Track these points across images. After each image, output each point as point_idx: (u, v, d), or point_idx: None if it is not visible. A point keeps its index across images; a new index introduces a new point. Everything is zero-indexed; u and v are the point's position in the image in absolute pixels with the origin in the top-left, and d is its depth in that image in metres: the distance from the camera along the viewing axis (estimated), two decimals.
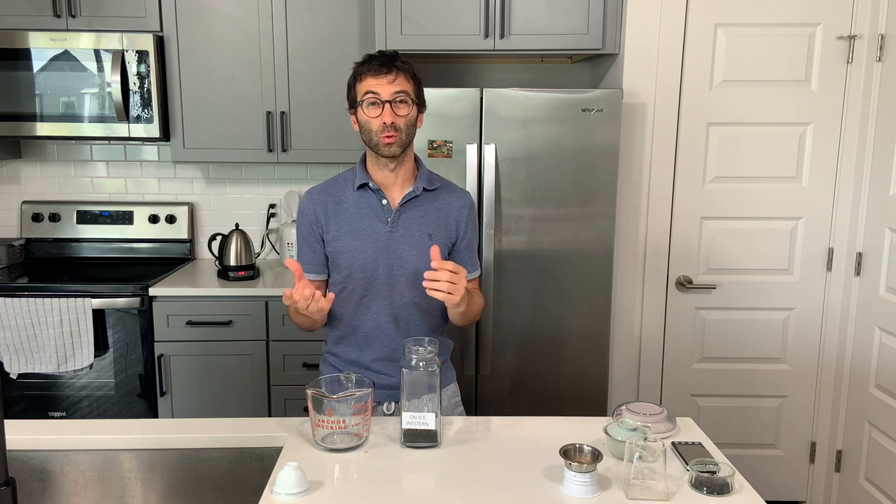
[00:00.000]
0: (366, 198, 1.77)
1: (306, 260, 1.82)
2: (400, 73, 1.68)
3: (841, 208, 2.75)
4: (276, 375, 2.82)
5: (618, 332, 2.83)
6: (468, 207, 1.84)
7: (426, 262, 1.73)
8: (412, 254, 1.76)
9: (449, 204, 1.81)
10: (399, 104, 1.68)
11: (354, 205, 1.77)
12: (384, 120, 1.66)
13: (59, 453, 1.58)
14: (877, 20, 2.60)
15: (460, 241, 1.83)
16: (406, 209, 1.77)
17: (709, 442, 1.55)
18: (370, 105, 1.67)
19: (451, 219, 1.81)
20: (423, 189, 1.78)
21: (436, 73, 3.18)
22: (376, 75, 1.67)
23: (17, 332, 2.66)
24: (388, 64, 1.68)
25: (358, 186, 1.76)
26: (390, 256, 1.75)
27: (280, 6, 2.87)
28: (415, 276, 1.74)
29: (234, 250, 2.94)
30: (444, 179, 1.87)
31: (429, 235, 1.77)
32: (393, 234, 1.75)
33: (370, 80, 1.67)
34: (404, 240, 1.76)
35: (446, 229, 1.80)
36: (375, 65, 1.68)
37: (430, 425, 1.51)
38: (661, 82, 2.67)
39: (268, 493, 1.33)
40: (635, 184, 2.74)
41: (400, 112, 1.68)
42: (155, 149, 3.29)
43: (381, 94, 1.66)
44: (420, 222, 1.77)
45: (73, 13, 2.84)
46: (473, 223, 1.86)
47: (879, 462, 2.61)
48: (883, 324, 2.58)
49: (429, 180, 1.80)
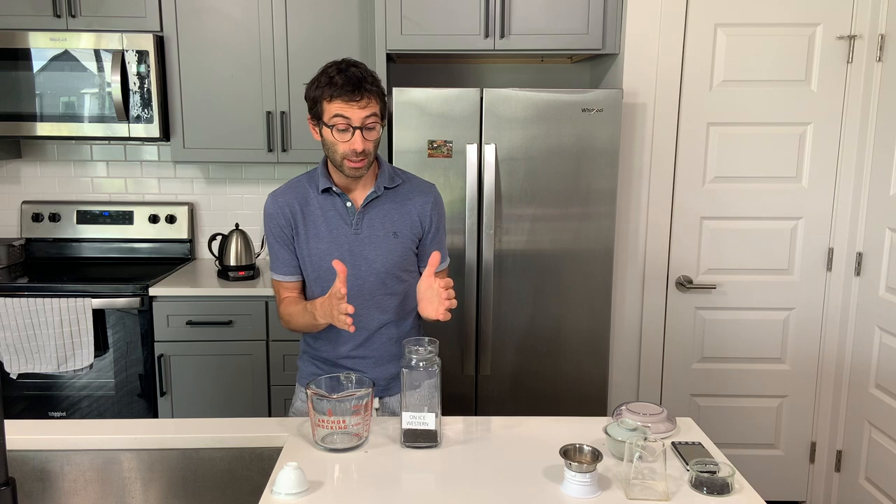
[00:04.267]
0: (330, 200, 1.78)
1: (284, 262, 1.82)
2: (371, 96, 1.65)
3: (841, 208, 2.75)
4: (276, 375, 2.82)
5: (618, 332, 2.83)
6: (432, 201, 1.83)
7: (392, 261, 1.78)
8: (378, 254, 1.77)
9: (412, 199, 1.81)
10: (368, 130, 1.67)
11: (320, 207, 1.78)
12: (354, 147, 1.65)
13: (59, 453, 1.58)
14: (877, 20, 2.60)
15: (426, 235, 1.83)
16: (369, 209, 1.78)
17: (709, 442, 1.55)
18: (340, 131, 1.65)
19: (415, 214, 1.81)
20: (384, 188, 1.78)
21: (436, 73, 3.18)
22: (348, 101, 1.63)
23: (17, 332, 2.66)
24: (359, 89, 1.63)
25: (322, 190, 1.77)
26: (356, 258, 1.76)
27: (280, 6, 2.87)
28: (383, 275, 1.77)
29: (234, 250, 2.94)
30: (408, 174, 1.87)
31: (394, 233, 1.78)
32: (358, 235, 1.77)
33: (340, 104, 1.63)
34: (369, 240, 1.77)
35: (411, 225, 1.80)
36: (347, 90, 1.62)
37: (430, 425, 1.51)
38: (661, 82, 2.67)
39: (268, 493, 1.33)
40: (635, 184, 2.74)
41: (369, 137, 1.67)
42: (155, 149, 3.29)
43: (352, 120, 1.64)
44: (384, 221, 1.78)
45: (73, 13, 2.84)
46: (439, 215, 1.86)
47: (879, 462, 2.61)
48: (883, 324, 2.58)
49: (390, 178, 1.80)
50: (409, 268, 1.83)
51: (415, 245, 1.82)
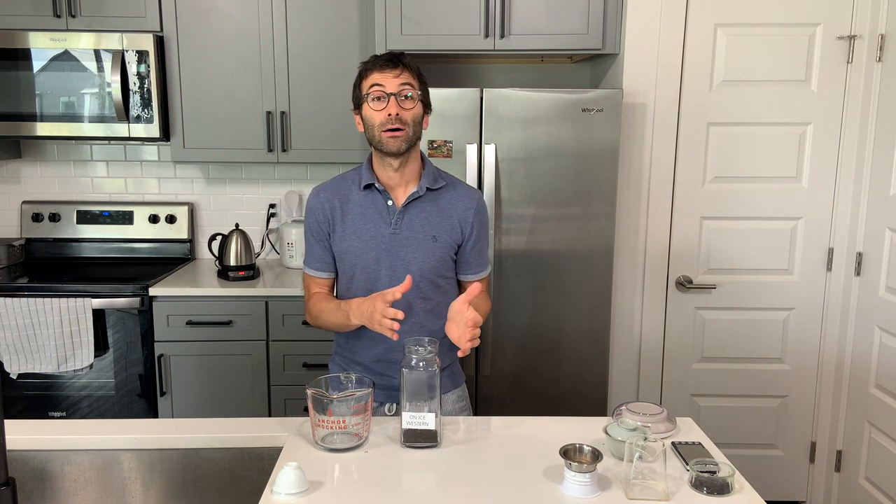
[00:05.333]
0: (371, 198, 1.76)
1: (317, 258, 1.81)
2: (406, 69, 1.68)
3: (841, 208, 2.75)
4: (276, 375, 2.82)
5: (618, 332, 2.83)
6: (475, 207, 1.80)
7: (429, 266, 1.74)
8: (415, 256, 1.74)
9: (455, 204, 1.78)
10: (405, 98, 1.67)
11: (360, 205, 1.76)
12: (389, 111, 1.65)
13: (59, 453, 1.58)
14: (877, 20, 2.60)
15: (466, 242, 1.80)
16: (410, 210, 1.75)
17: (709, 442, 1.55)
18: (375, 99, 1.66)
19: (457, 219, 1.78)
20: (426, 189, 1.75)
21: (436, 73, 3.18)
22: (382, 70, 1.66)
23: (17, 332, 2.66)
24: (395, 60, 1.68)
25: (364, 186, 1.75)
26: (393, 258, 1.74)
27: (280, 6, 2.87)
28: (418, 278, 1.73)
29: (234, 250, 2.94)
30: (453, 178, 1.84)
31: (433, 237, 1.75)
32: (396, 235, 1.74)
33: (375, 75, 1.67)
34: (407, 242, 1.74)
35: (451, 230, 1.77)
36: (381, 61, 1.68)
37: (430, 425, 1.51)
38: (661, 82, 2.67)
39: (268, 493, 1.33)
40: (635, 184, 2.74)
41: (406, 105, 1.67)
42: (155, 149, 3.29)
43: (386, 87, 1.66)
44: (424, 223, 1.75)
45: (74, 13, 2.83)
46: (482, 222, 1.82)
47: (879, 462, 2.61)
48: (883, 324, 2.58)
49: (433, 179, 1.77)
50: (446, 273, 1.79)
51: (453, 251, 1.79)
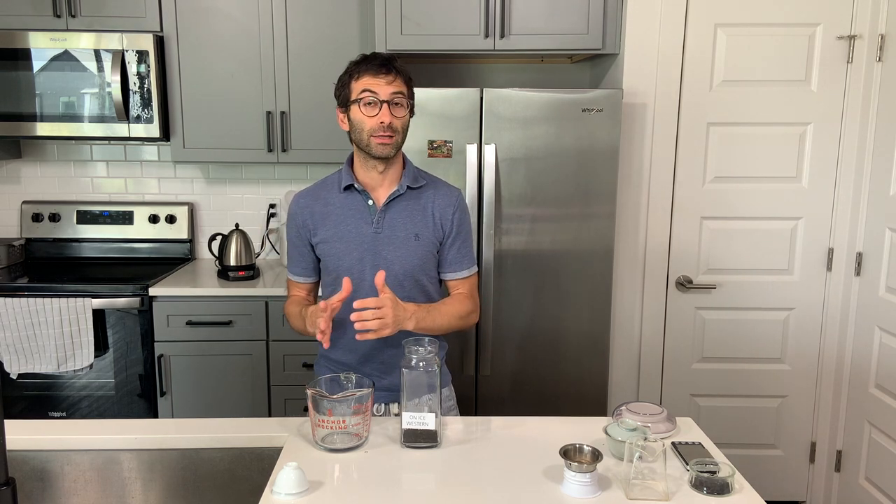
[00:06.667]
0: (351, 199, 1.77)
1: (294, 263, 1.84)
2: (398, 75, 1.68)
3: (841, 208, 2.75)
4: (276, 375, 2.82)
5: (618, 332, 2.83)
6: (454, 205, 1.80)
7: (412, 264, 1.75)
8: (398, 255, 1.75)
9: (435, 202, 1.79)
10: (396, 106, 1.68)
11: (340, 206, 1.77)
12: (382, 120, 1.65)
13: (59, 453, 1.58)
14: (877, 20, 2.60)
15: (446, 239, 1.80)
16: (391, 209, 1.76)
17: (709, 442, 1.55)
18: (367, 104, 1.66)
19: (437, 217, 1.79)
20: (407, 187, 1.76)
21: (436, 73, 3.18)
22: (375, 75, 1.66)
23: (17, 332, 2.66)
24: (388, 65, 1.67)
25: (344, 188, 1.76)
26: (376, 258, 1.74)
27: (280, 6, 2.87)
28: (401, 277, 1.74)
29: (234, 250, 2.94)
30: (432, 177, 1.85)
31: (415, 235, 1.76)
32: (378, 234, 1.75)
33: (368, 79, 1.67)
34: (389, 240, 1.75)
35: (433, 228, 1.78)
36: (375, 64, 1.67)
37: (430, 425, 1.51)
38: (661, 82, 2.67)
39: (268, 493, 1.33)
40: (635, 184, 2.74)
41: (397, 114, 1.68)
42: (155, 149, 3.29)
43: (379, 94, 1.66)
44: (406, 222, 1.76)
45: (74, 13, 2.83)
46: (463, 220, 1.83)
47: (879, 462, 2.61)
48: (883, 324, 2.58)
49: (414, 178, 1.78)
50: (429, 272, 1.80)
51: (436, 249, 1.79)
